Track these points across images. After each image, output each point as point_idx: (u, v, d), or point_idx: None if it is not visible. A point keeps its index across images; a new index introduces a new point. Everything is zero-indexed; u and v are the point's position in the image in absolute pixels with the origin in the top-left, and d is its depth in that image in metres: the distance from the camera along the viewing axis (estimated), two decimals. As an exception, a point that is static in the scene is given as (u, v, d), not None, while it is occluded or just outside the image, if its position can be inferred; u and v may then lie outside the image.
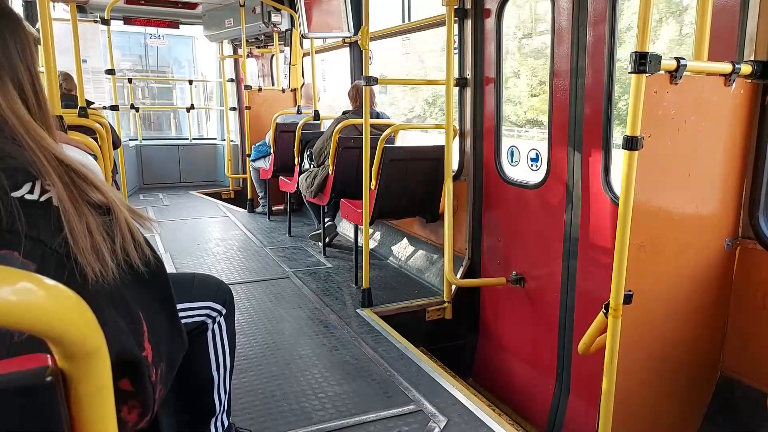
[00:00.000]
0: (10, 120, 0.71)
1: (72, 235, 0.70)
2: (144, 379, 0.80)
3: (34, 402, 0.46)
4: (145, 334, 0.80)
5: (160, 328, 0.84)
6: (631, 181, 1.73)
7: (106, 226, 0.77)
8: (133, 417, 0.84)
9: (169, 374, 0.88)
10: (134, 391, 0.81)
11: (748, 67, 1.95)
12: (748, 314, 2.15)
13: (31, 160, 0.71)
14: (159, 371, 0.83)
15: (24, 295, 0.38)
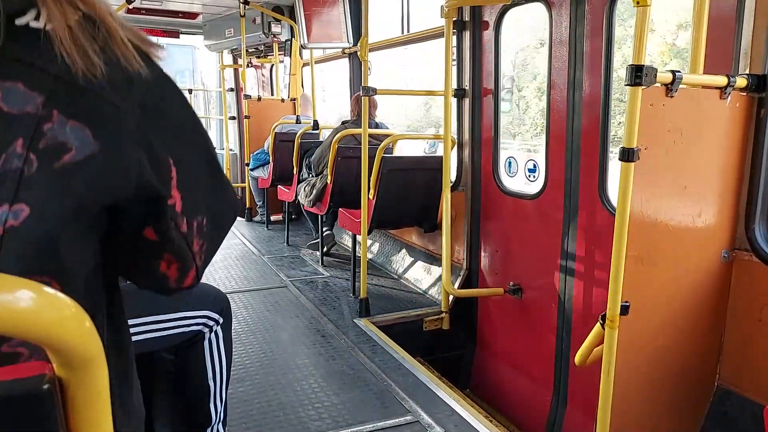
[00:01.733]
0: None
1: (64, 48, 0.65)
2: (168, 229, 0.76)
3: (32, 410, 0.47)
4: (173, 180, 0.75)
5: (195, 179, 0.79)
6: (627, 193, 1.74)
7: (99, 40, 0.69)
8: (173, 272, 0.82)
9: (214, 231, 0.84)
10: (160, 242, 0.77)
11: (743, 81, 1.97)
12: (744, 326, 2.15)
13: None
14: (194, 224, 0.79)
15: (22, 302, 0.38)
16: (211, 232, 0.83)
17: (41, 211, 0.63)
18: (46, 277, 0.65)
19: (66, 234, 0.66)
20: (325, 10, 5.32)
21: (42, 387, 0.46)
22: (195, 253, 0.81)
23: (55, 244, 0.65)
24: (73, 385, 0.47)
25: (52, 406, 0.47)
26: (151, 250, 0.79)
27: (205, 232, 0.81)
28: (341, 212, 4.07)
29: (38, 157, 0.63)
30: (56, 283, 0.66)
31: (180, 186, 0.75)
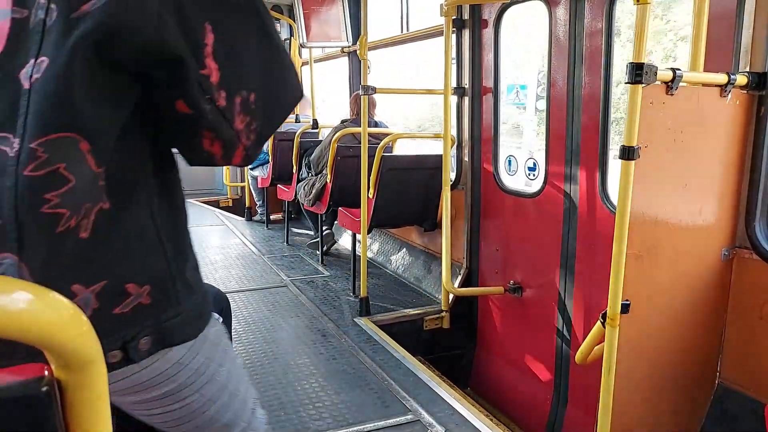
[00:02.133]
0: None
1: None
2: (199, 101, 0.73)
3: (30, 412, 0.46)
4: (207, 48, 0.71)
5: (240, 51, 0.75)
6: (627, 191, 1.74)
7: None
8: (218, 150, 0.80)
9: (265, 110, 0.80)
10: (194, 115, 0.74)
11: (743, 78, 1.96)
12: (745, 324, 2.15)
13: None
14: (237, 99, 0.75)
15: (20, 303, 0.38)
16: (261, 110, 0.78)
17: (55, 62, 0.63)
18: (71, 134, 0.65)
19: (82, 90, 0.65)
20: (324, 9, 5.32)
21: (41, 389, 0.45)
22: (239, 130, 0.78)
23: (72, 100, 0.65)
24: (71, 387, 0.47)
25: (51, 408, 0.47)
26: (188, 126, 0.77)
27: (253, 109, 0.77)
28: (341, 211, 4.07)
29: (58, 6, 0.63)
30: (85, 141, 0.66)
31: (217, 56, 0.72)
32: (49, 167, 0.65)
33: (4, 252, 0.64)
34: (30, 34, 0.65)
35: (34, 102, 0.64)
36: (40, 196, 0.65)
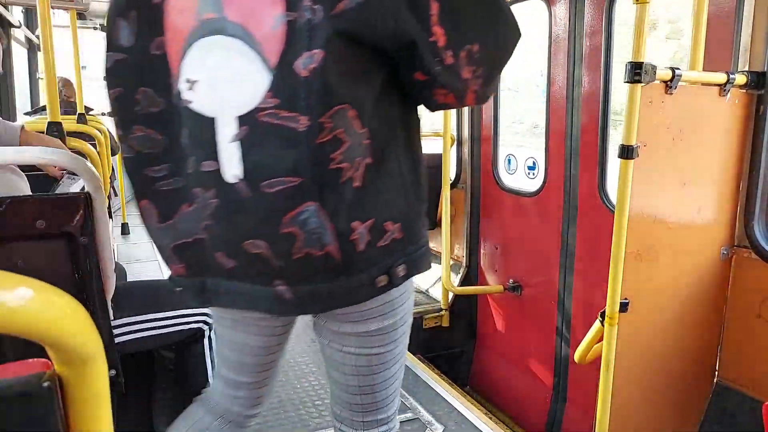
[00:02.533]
0: None
1: None
2: (432, 68, 0.85)
3: (31, 408, 0.47)
4: (433, 17, 0.82)
5: (459, 12, 0.84)
6: (626, 190, 1.74)
7: None
8: (450, 99, 0.94)
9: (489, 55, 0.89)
10: (429, 80, 0.88)
11: (742, 78, 1.97)
12: (743, 323, 2.15)
13: None
14: (462, 54, 0.85)
15: (22, 299, 0.38)
16: (486, 57, 0.89)
17: (324, 52, 0.80)
18: (343, 105, 0.84)
19: (344, 72, 0.83)
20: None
21: (41, 385, 0.46)
22: (467, 79, 0.89)
23: (339, 80, 0.82)
24: (73, 382, 0.47)
25: (52, 404, 0.47)
26: (424, 88, 0.91)
27: (478, 58, 0.87)
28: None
29: (322, 7, 0.79)
30: (352, 110, 0.84)
31: (442, 21, 0.83)
32: (332, 134, 0.84)
33: (308, 202, 0.85)
34: (300, 31, 0.80)
35: (314, 86, 0.81)
36: (328, 156, 0.84)
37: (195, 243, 0.96)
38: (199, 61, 0.87)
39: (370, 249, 0.91)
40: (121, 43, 0.92)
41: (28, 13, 5.20)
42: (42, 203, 1.07)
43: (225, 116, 0.86)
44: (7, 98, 4.34)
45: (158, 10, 0.89)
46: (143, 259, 4.55)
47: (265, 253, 0.90)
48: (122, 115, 0.97)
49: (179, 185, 0.95)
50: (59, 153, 1.04)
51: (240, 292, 0.96)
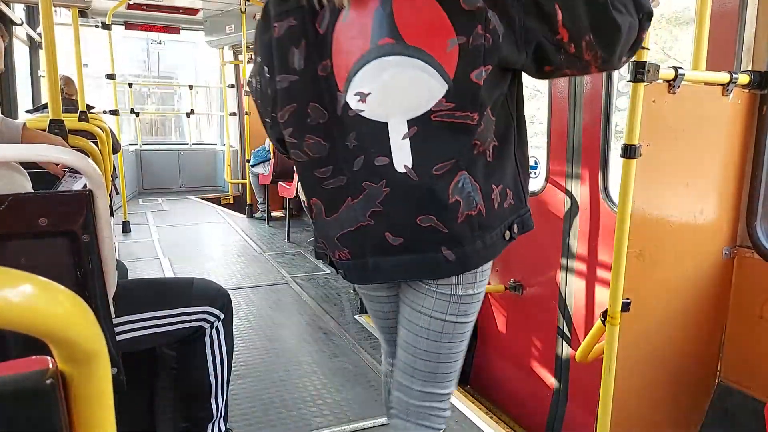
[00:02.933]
0: None
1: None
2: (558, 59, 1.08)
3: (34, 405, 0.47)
4: (559, 21, 1.04)
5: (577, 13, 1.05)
6: (629, 190, 1.74)
7: None
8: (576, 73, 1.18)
9: (602, 41, 1.08)
10: (557, 68, 1.11)
11: (745, 77, 1.96)
12: (745, 323, 2.15)
13: None
14: (582, 43, 1.06)
15: (26, 296, 0.38)
16: (598, 43, 1.07)
17: (494, 67, 1.06)
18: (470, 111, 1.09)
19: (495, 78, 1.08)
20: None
21: (44, 382, 0.46)
22: (588, 60, 1.09)
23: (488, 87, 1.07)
24: (75, 379, 0.47)
25: (55, 401, 0.47)
26: (552, 74, 1.15)
27: (594, 44, 1.07)
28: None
29: (490, 35, 1.04)
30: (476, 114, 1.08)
31: (565, 22, 1.04)
32: (484, 124, 1.10)
33: (461, 171, 1.11)
34: (473, 52, 1.04)
35: (484, 91, 1.07)
36: (478, 139, 1.11)
37: (358, 230, 1.17)
38: (373, 77, 1.08)
39: (500, 208, 1.17)
40: (294, 67, 1.14)
41: (30, 10, 5.20)
42: (44, 201, 1.07)
43: (396, 120, 1.09)
44: (9, 96, 4.35)
45: (325, 39, 1.11)
46: (144, 257, 4.56)
47: (434, 225, 1.12)
48: (297, 126, 1.18)
49: (342, 183, 1.17)
50: (62, 150, 1.04)
51: (401, 264, 1.17)
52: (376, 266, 1.19)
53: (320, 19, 1.11)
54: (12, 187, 1.27)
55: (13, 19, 4.34)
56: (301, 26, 1.12)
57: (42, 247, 1.10)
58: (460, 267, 1.17)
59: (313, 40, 1.11)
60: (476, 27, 1.03)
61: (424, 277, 1.21)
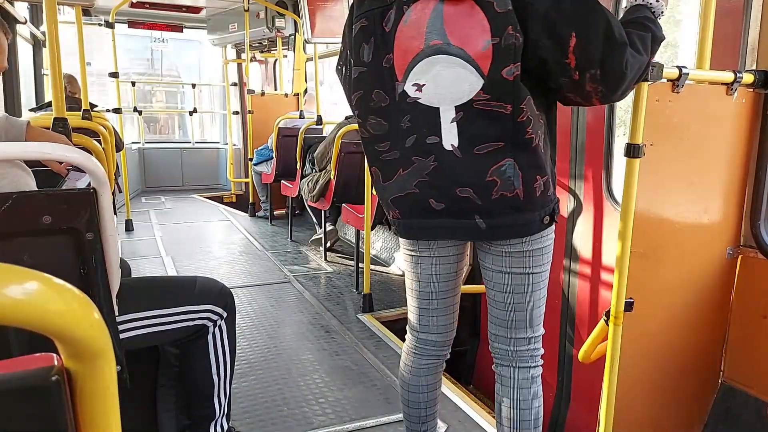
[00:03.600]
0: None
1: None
2: (559, 79, 1.24)
3: (40, 401, 0.47)
4: (570, 47, 1.18)
5: (590, 45, 1.18)
6: (632, 189, 1.74)
7: None
8: (579, 100, 1.31)
9: (605, 78, 1.22)
10: (558, 87, 1.28)
11: (750, 77, 1.95)
12: (749, 323, 2.15)
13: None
14: (587, 75, 1.20)
15: (32, 293, 0.38)
16: (602, 80, 1.22)
17: (523, 67, 1.22)
18: (529, 97, 1.26)
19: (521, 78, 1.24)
20: (329, 5, 5.31)
21: (50, 378, 0.46)
22: (589, 92, 1.25)
23: (524, 80, 1.24)
24: (81, 376, 0.48)
25: (61, 397, 0.47)
26: (557, 91, 1.31)
27: (598, 79, 1.22)
28: (344, 208, 4.07)
29: (519, 35, 1.19)
30: (532, 99, 1.26)
31: (576, 51, 1.19)
32: (526, 115, 1.27)
33: (507, 158, 1.29)
34: (505, 51, 1.21)
35: (514, 86, 1.23)
36: (524, 129, 1.28)
37: (406, 196, 1.41)
38: (426, 71, 1.30)
39: (541, 196, 1.34)
40: (364, 59, 1.38)
41: (34, 8, 5.21)
42: (49, 199, 1.07)
43: (446, 106, 1.30)
44: (12, 94, 4.36)
45: (389, 36, 1.33)
46: (147, 256, 4.57)
47: (470, 197, 1.33)
48: (362, 109, 1.43)
49: (396, 156, 1.40)
50: (66, 149, 1.04)
51: (443, 226, 1.41)
52: (420, 226, 1.44)
53: (386, 20, 1.33)
54: (16, 185, 1.27)
55: (16, 18, 4.35)
56: (372, 26, 1.35)
57: (46, 245, 1.11)
58: (491, 235, 1.37)
59: (380, 37, 1.34)
60: (507, 28, 1.19)
61: (460, 238, 1.47)
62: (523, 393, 1.52)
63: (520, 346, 1.52)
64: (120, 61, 5.61)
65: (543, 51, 1.21)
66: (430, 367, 1.66)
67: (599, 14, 1.20)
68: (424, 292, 1.59)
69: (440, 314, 1.62)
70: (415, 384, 1.66)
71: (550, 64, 1.22)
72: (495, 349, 1.57)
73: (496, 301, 1.51)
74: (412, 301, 1.64)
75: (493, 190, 1.31)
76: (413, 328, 1.66)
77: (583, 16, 1.19)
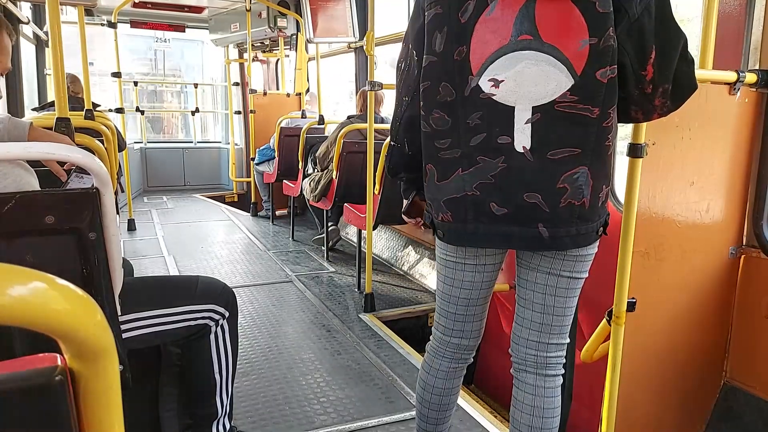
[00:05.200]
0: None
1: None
2: (633, 90, 1.24)
3: (43, 401, 0.47)
4: (651, 60, 1.19)
5: (668, 61, 1.20)
6: (634, 189, 1.73)
7: None
8: (640, 116, 1.32)
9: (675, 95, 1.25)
10: (628, 97, 1.26)
11: (752, 76, 1.95)
12: (751, 323, 2.14)
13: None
14: (659, 89, 1.22)
15: (36, 293, 0.38)
16: (673, 95, 1.24)
17: (618, 68, 1.21)
18: (615, 104, 1.25)
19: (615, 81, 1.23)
20: (331, 5, 5.31)
21: (54, 378, 0.46)
22: (656, 106, 1.26)
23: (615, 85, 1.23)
24: (84, 376, 0.48)
25: (64, 397, 0.47)
26: (625, 102, 1.27)
27: (669, 94, 1.23)
28: (346, 208, 4.07)
29: (616, 37, 1.18)
30: (597, 109, 1.22)
31: (655, 65, 1.19)
32: (611, 122, 1.24)
33: (582, 166, 1.25)
34: (602, 52, 1.18)
35: (606, 89, 1.21)
36: (606, 136, 1.25)
37: (463, 198, 1.33)
38: (508, 67, 1.23)
39: (602, 206, 1.33)
40: (435, 48, 1.31)
41: (37, 9, 5.22)
42: (52, 198, 1.08)
43: (523, 105, 1.24)
44: (16, 94, 4.37)
45: (466, 28, 1.26)
46: (149, 255, 4.58)
47: (538, 203, 1.27)
48: (427, 101, 1.36)
49: (456, 155, 1.32)
50: (69, 149, 1.04)
51: (501, 233, 1.33)
52: (475, 231, 1.35)
53: (463, 11, 1.27)
54: (19, 185, 1.27)
55: (20, 18, 4.36)
56: (446, 15, 1.29)
57: (49, 245, 1.11)
58: (552, 244, 1.32)
59: (455, 27, 1.28)
60: (608, 29, 1.17)
61: (517, 247, 1.38)
62: (547, 402, 1.50)
63: (551, 352, 1.50)
64: (122, 61, 5.61)
65: (624, 57, 1.20)
66: (456, 370, 1.65)
67: (679, 31, 1.20)
68: (463, 299, 1.54)
69: (476, 320, 1.59)
70: (440, 387, 1.64)
71: (628, 71, 1.21)
72: (522, 355, 1.53)
73: (534, 302, 1.46)
74: (447, 306, 1.58)
75: (562, 198, 1.26)
76: (445, 332, 1.62)
77: (666, 30, 1.19)
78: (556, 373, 1.52)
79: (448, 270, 1.53)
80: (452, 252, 1.49)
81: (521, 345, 1.52)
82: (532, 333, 1.49)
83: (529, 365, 1.52)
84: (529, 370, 1.52)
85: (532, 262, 1.44)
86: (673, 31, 1.20)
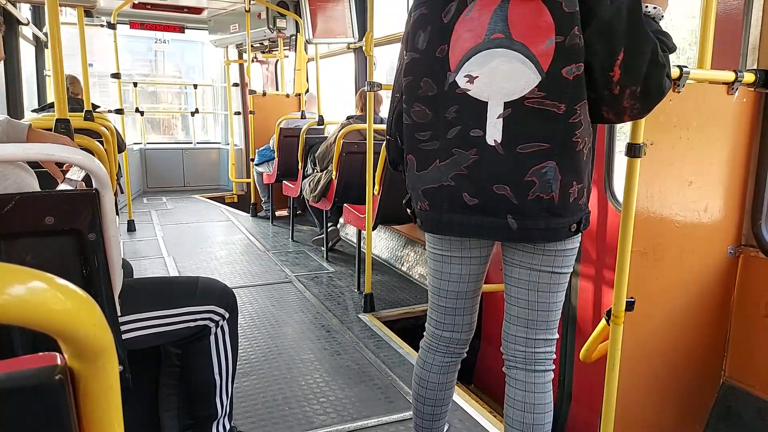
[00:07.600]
0: None
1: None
2: (601, 90, 1.25)
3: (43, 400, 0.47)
4: (618, 61, 1.21)
5: (636, 63, 1.21)
6: (633, 188, 1.74)
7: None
8: (612, 117, 1.32)
9: (644, 97, 1.26)
10: (598, 99, 1.27)
11: (750, 76, 1.96)
12: (750, 322, 2.15)
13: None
14: (627, 91, 1.24)
15: (36, 293, 0.39)
16: (641, 97, 1.25)
17: (584, 66, 1.23)
18: (584, 101, 1.27)
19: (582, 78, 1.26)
20: (330, 5, 5.32)
21: (54, 377, 0.46)
22: (625, 107, 1.27)
23: (582, 82, 1.25)
24: (84, 376, 0.48)
25: (64, 397, 0.48)
26: (594, 104, 1.29)
27: (637, 96, 1.25)
28: (346, 208, 4.07)
29: (582, 35, 1.21)
30: (564, 105, 1.25)
31: (622, 66, 1.21)
32: (578, 118, 1.26)
33: (550, 161, 1.27)
34: (568, 51, 1.21)
35: (572, 86, 1.24)
36: (573, 131, 1.27)
37: (439, 188, 1.39)
38: (482, 63, 1.29)
39: (574, 203, 1.33)
40: (418, 46, 1.38)
41: (36, 10, 5.22)
42: (51, 199, 1.08)
43: (495, 100, 1.29)
44: (15, 95, 4.37)
45: (447, 27, 1.33)
46: (149, 256, 4.58)
47: (506, 195, 1.31)
48: (409, 95, 1.43)
49: (435, 147, 1.39)
50: (68, 150, 1.04)
51: (472, 223, 1.37)
52: (449, 221, 1.41)
53: (446, 12, 1.34)
54: (19, 186, 1.28)
55: (19, 19, 4.36)
56: (430, 15, 1.36)
57: (48, 246, 1.11)
58: (520, 236, 1.35)
59: (438, 27, 1.34)
60: (573, 28, 1.21)
61: (488, 237, 1.44)
62: (537, 397, 1.52)
63: (539, 348, 1.51)
64: (122, 62, 5.61)
65: (593, 57, 1.22)
66: (450, 365, 1.70)
67: (649, 36, 1.23)
68: (452, 291, 1.59)
69: (466, 313, 1.64)
70: (434, 381, 1.69)
71: (596, 72, 1.23)
72: (511, 351, 1.57)
73: (519, 299, 1.50)
74: (438, 300, 1.63)
75: (530, 191, 1.29)
76: (437, 326, 1.66)
77: (636, 33, 1.21)
78: (546, 368, 1.54)
79: (437, 263, 1.59)
80: (438, 245, 1.55)
81: (510, 342, 1.57)
82: (519, 329, 1.53)
83: (519, 362, 1.55)
84: (518, 366, 1.56)
85: (514, 259, 1.48)
86: (643, 36, 1.22)
